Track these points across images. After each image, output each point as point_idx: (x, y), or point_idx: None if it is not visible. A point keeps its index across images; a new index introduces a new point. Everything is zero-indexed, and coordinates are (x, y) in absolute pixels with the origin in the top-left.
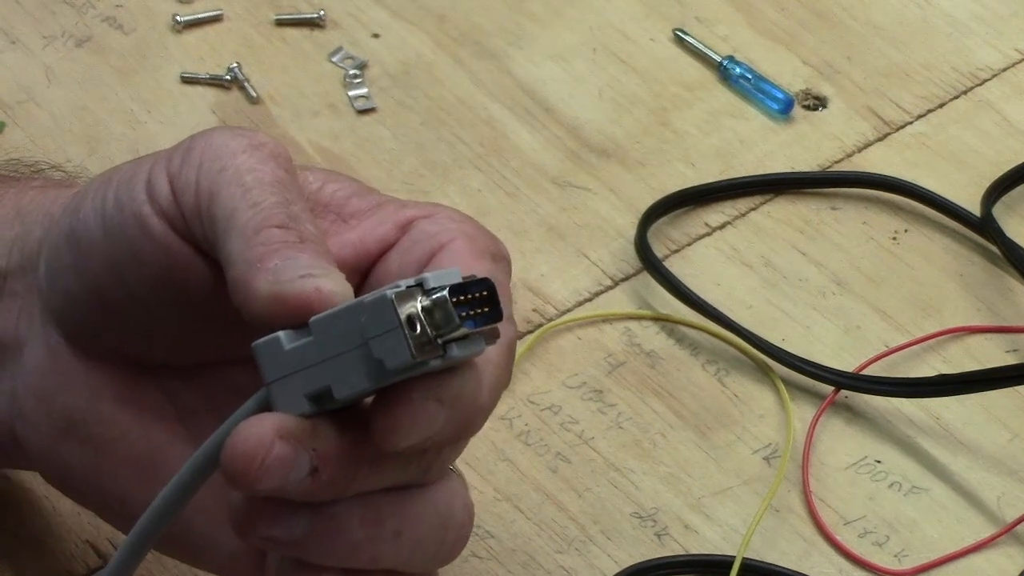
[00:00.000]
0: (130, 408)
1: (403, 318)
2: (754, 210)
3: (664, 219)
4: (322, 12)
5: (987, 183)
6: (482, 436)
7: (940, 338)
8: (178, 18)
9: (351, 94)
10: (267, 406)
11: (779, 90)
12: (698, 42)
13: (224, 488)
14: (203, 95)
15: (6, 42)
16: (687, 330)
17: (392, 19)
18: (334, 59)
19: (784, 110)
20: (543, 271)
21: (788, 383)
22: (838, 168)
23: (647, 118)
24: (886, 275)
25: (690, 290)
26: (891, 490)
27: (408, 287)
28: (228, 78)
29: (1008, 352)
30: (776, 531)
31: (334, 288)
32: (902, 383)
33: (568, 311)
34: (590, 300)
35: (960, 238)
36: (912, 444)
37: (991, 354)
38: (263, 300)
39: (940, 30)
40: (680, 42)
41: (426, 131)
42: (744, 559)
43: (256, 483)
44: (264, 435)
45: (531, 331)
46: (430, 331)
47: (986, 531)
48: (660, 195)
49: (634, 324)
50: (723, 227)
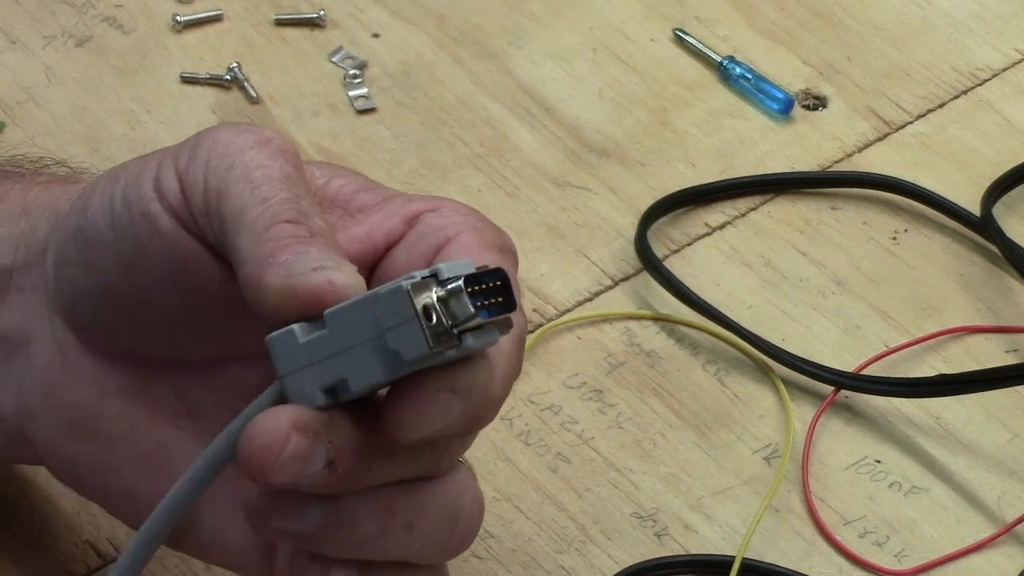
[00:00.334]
0: (138, 404)
1: (419, 309)
2: (754, 210)
3: (664, 219)
4: (322, 12)
5: (987, 183)
6: (482, 436)
7: (940, 338)
8: (178, 18)
9: (351, 94)
10: (281, 399)
11: (779, 90)
12: (698, 42)
13: (234, 482)
14: (203, 95)
15: (6, 42)
16: (687, 330)
17: (392, 19)
18: (334, 59)
19: (784, 110)
20: (543, 271)
21: (788, 383)
22: (838, 168)
23: (647, 118)
24: (886, 275)
25: (690, 290)
26: (891, 490)
27: (423, 278)
28: (228, 78)
29: (1008, 352)
30: (776, 531)
31: (347, 280)
32: (902, 383)
33: (568, 311)
34: (590, 300)
35: (960, 238)
36: (912, 444)
37: (991, 354)
38: (275, 294)
39: (940, 30)
40: (680, 42)
41: (426, 131)
42: (744, 559)
43: (273, 476)
44: (280, 428)
45: (531, 331)
46: (446, 321)
47: (986, 531)
48: (660, 195)
49: (634, 324)
50: (723, 227)
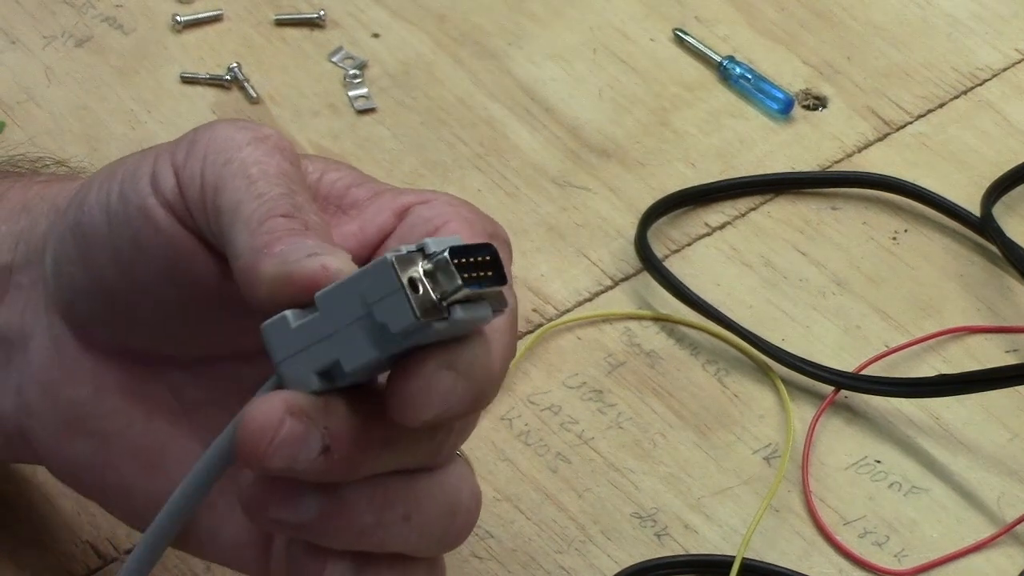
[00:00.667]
0: (135, 401)
1: (404, 280)
2: (754, 210)
3: (664, 219)
4: (322, 12)
5: (987, 183)
6: (482, 436)
7: (940, 338)
8: (178, 18)
9: (351, 94)
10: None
11: (779, 90)
12: (698, 42)
13: (229, 478)
14: (203, 95)
15: (6, 42)
16: (687, 330)
17: (392, 19)
18: (334, 59)
19: (784, 110)
20: (543, 271)
21: (788, 383)
22: (838, 168)
23: (647, 118)
24: (886, 275)
25: (690, 290)
26: (891, 490)
27: (409, 251)
28: (228, 78)
29: (1008, 352)
30: (776, 531)
31: (340, 266)
32: (902, 383)
33: (568, 311)
34: (590, 300)
35: (960, 238)
36: (912, 444)
37: (991, 354)
38: (270, 282)
39: (940, 30)
40: (680, 42)
41: (426, 131)
42: (744, 559)
43: (267, 461)
44: (274, 412)
45: (531, 331)
46: (433, 293)
47: (986, 531)
48: (660, 195)
49: (634, 324)
50: (723, 227)
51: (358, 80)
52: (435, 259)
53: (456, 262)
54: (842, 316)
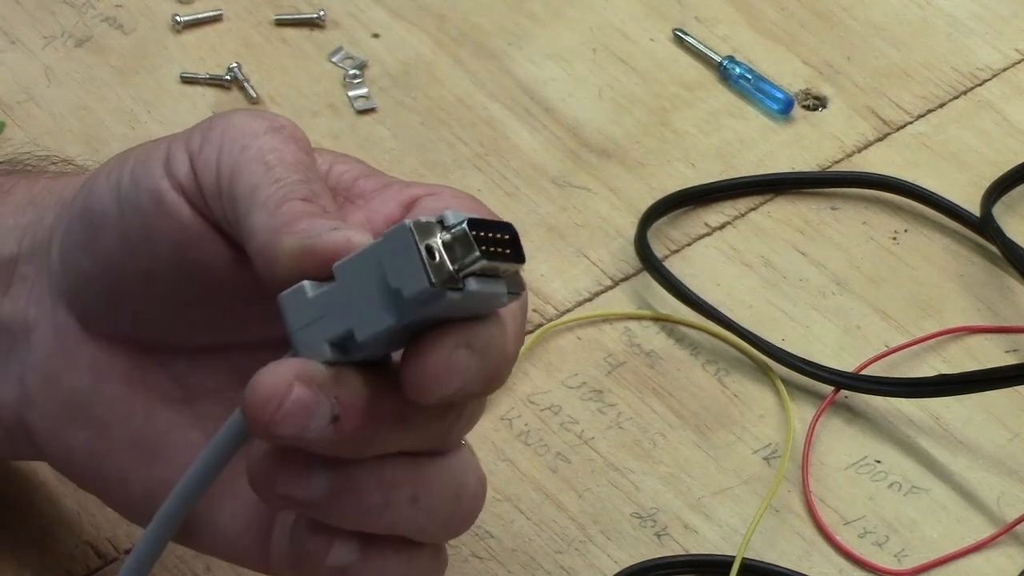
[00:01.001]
0: (135, 390)
1: (422, 246)
2: (754, 210)
3: (664, 219)
4: (322, 12)
5: (987, 183)
6: (482, 436)
7: (940, 338)
8: (178, 18)
9: (351, 94)
10: None
11: (779, 90)
12: (698, 42)
13: (228, 467)
14: (203, 95)
15: (6, 42)
16: (687, 330)
17: (392, 19)
18: (334, 59)
19: (784, 110)
20: (543, 271)
21: (788, 383)
22: (838, 168)
23: (647, 118)
24: (886, 275)
25: (690, 290)
26: (891, 490)
27: (428, 221)
28: (228, 78)
29: (1008, 352)
30: (776, 531)
31: (364, 240)
32: (902, 383)
33: (568, 311)
34: (590, 300)
35: (960, 238)
36: (912, 444)
37: (991, 354)
38: (290, 255)
39: (940, 30)
40: (680, 42)
41: (426, 131)
42: (744, 559)
43: (275, 428)
44: (282, 378)
45: (531, 331)
46: (449, 262)
47: (986, 531)
48: (660, 195)
49: (634, 324)
50: (723, 227)
51: (358, 80)
52: (454, 229)
53: (474, 234)
54: (842, 316)
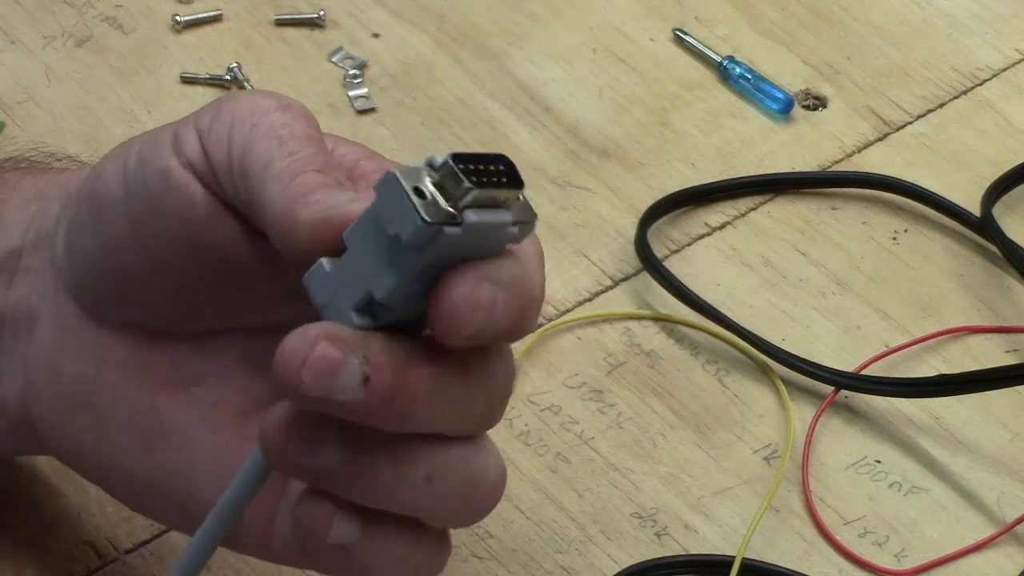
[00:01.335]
0: (136, 377)
1: (409, 189)
2: (754, 210)
3: (664, 219)
4: (322, 12)
5: (987, 183)
6: None
7: (940, 338)
8: (178, 18)
9: (351, 94)
10: None
11: (779, 90)
12: (698, 42)
13: (225, 455)
14: (203, 95)
15: (6, 42)
16: (687, 330)
17: (392, 19)
18: (334, 59)
19: (784, 110)
20: None
21: (788, 383)
22: (838, 168)
23: (647, 118)
24: (886, 275)
25: (690, 290)
26: (891, 490)
27: (415, 166)
28: (228, 78)
29: (1008, 352)
30: (776, 531)
31: None
32: (902, 383)
33: (568, 311)
34: (590, 300)
35: (960, 238)
36: (912, 444)
37: (991, 354)
38: (308, 226)
39: (940, 30)
40: (680, 42)
41: (426, 131)
42: (744, 559)
43: (304, 388)
44: (309, 336)
45: (531, 331)
46: (442, 199)
47: (986, 531)
48: (660, 195)
49: (634, 324)
50: (723, 227)
51: (358, 80)
52: (440, 168)
53: (462, 166)
54: (842, 316)
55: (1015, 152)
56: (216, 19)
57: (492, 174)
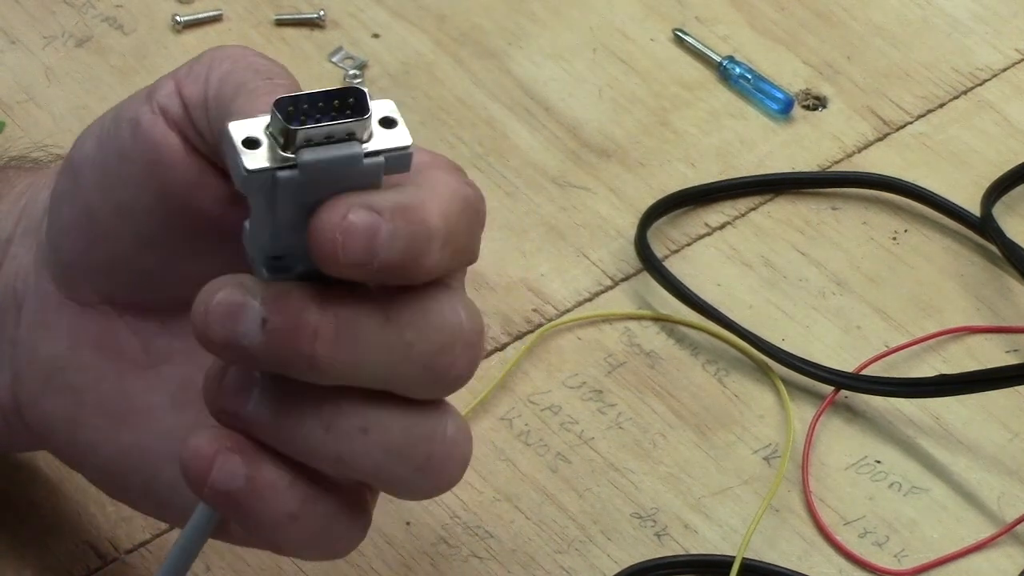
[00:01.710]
0: (107, 355)
1: (238, 140)
2: (754, 210)
3: (664, 219)
4: (322, 12)
5: (987, 183)
6: (482, 436)
7: (940, 338)
8: (178, 18)
9: None
10: None
11: (779, 90)
12: (698, 42)
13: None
14: None
15: (6, 42)
16: (687, 330)
17: (392, 19)
18: (334, 59)
19: (784, 110)
20: (543, 271)
21: (788, 383)
22: (838, 168)
23: (647, 118)
24: (886, 275)
25: (690, 290)
26: (891, 490)
27: (256, 118)
28: None
29: (1008, 352)
30: (776, 531)
31: None
32: (902, 383)
33: (568, 311)
34: (590, 300)
35: (960, 238)
36: (912, 444)
37: (991, 354)
38: None
39: (940, 30)
40: (680, 42)
41: (426, 131)
42: (744, 559)
43: (208, 331)
44: (214, 286)
45: (531, 331)
46: (276, 145)
47: (986, 531)
48: (660, 195)
49: (634, 324)
50: (723, 227)
51: (358, 80)
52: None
53: (290, 108)
54: (842, 316)
55: (1015, 152)
56: (216, 19)
57: (330, 110)
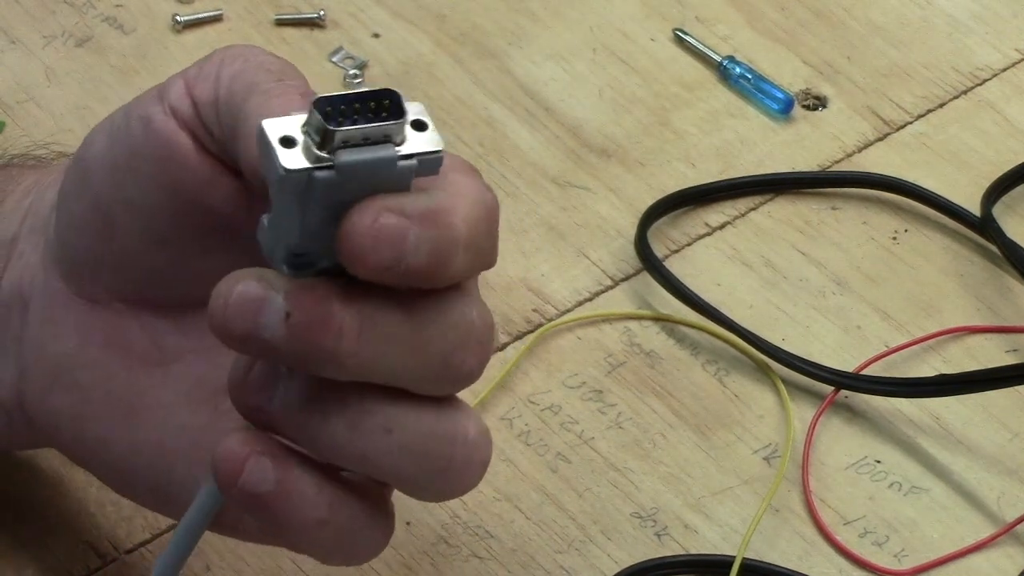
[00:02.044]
0: (116, 352)
1: (275, 139)
2: (754, 210)
3: (664, 219)
4: (322, 12)
5: (987, 183)
6: None
7: (940, 338)
8: (178, 18)
9: None
10: None
11: (779, 90)
12: (698, 42)
13: (208, 432)
14: None
15: (6, 42)
16: (687, 330)
17: (392, 19)
18: (334, 59)
19: (784, 110)
20: (543, 271)
21: (788, 383)
22: (838, 168)
23: (647, 118)
24: (886, 275)
25: (690, 290)
26: (891, 490)
27: (295, 114)
28: None
29: (1008, 352)
30: (776, 531)
31: None
32: (902, 383)
33: (568, 311)
34: (590, 300)
35: (960, 238)
36: (912, 444)
37: (991, 354)
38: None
39: (940, 30)
40: (680, 42)
41: None
42: (744, 559)
43: (229, 324)
44: (234, 279)
45: (531, 331)
46: (314, 145)
47: (986, 531)
48: (660, 195)
49: (634, 324)
50: (723, 227)
51: (358, 80)
52: (311, 113)
53: (329, 109)
54: (842, 316)
55: (1015, 152)
56: (216, 19)
57: (366, 111)
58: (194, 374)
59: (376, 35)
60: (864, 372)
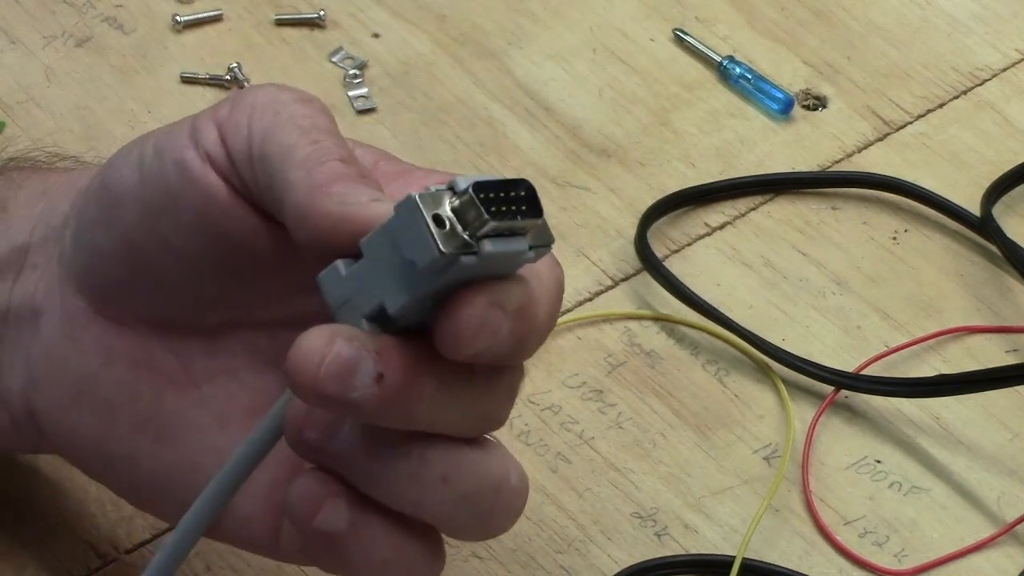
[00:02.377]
0: (142, 373)
1: (429, 217)
2: (754, 210)
3: (664, 219)
4: (322, 12)
5: (987, 183)
6: None
7: (940, 338)
8: (178, 18)
9: (351, 94)
10: None
11: (779, 90)
12: (698, 42)
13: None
14: (203, 95)
15: (6, 42)
16: (687, 330)
17: (392, 19)
18: (334, 59)
19: (784, 110)
20: None
21: (788, 383)
22: (838, 168)
23: (647, 118)
24: (886, 275)
25: (690, 290)
26: (891, 490)
27: (437, 189)
28: (228, 78)
29: (1008, 352)
30: (776, 531)
31: None
32: (902, 383)
33: (568, 311)
34: (590, 300)
35: (960, 238)
36: (912, 444)
37: (991, 354)
38: (328, 218)
39: (940, 30)
40: (680, 42)
41: (426, 131)
42: (744, 559)
43: (320, 385)
44: (324, 336)
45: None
46: (461, 229)
47: (986, 531)
48: (660, 195)
49: (634, 324)
50: (723, 227)
51: (358, 80)
52: (462, 195)
53: (482, 196)
54: (842, 316)
55: (1015, 152)
56: (216, 19)
57: (512, 202)
58: (224, 394)
59: (376, 35)
60: (864, 372)
